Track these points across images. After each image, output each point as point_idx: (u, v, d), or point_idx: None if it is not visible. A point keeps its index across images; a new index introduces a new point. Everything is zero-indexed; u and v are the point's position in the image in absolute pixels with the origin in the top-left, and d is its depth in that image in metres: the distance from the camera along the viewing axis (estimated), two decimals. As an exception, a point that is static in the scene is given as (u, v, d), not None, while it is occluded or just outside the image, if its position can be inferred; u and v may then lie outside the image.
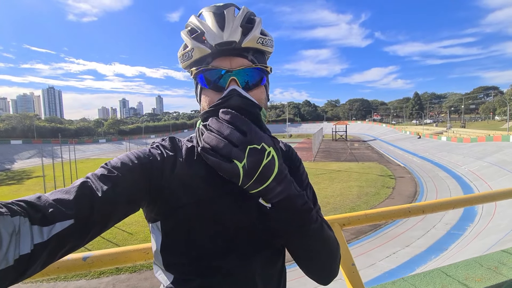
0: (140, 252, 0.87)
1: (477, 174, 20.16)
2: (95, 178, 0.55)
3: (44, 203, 0.46)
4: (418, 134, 45.50)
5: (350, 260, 0.98)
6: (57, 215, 0.46)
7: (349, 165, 27.53)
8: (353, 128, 73.05)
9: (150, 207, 0.64)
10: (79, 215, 0.48)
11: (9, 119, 62.29)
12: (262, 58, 0.67)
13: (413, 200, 16.03)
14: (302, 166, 0.81)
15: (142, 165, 0.61)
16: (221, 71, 0.61)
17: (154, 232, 0.66)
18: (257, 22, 0.64)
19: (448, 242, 10.99)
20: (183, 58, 0.66)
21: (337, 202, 15.71)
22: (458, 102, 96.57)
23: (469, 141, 31.65)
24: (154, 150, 0.67)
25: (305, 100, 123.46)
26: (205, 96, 0.65)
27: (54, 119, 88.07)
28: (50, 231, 0.45)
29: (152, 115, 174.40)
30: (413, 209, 1.19)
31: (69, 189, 0.51)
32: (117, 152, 48.07)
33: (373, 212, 1.14)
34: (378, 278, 8.75)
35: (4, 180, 26.11)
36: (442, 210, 1.22)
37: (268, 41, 0.66)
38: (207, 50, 0.61)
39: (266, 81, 0.67)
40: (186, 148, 0.69)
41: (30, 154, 43.04)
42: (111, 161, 0.60)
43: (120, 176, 0.56)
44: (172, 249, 0.64)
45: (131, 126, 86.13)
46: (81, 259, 0.81)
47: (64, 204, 0.48)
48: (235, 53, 0.62)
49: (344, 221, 1.08)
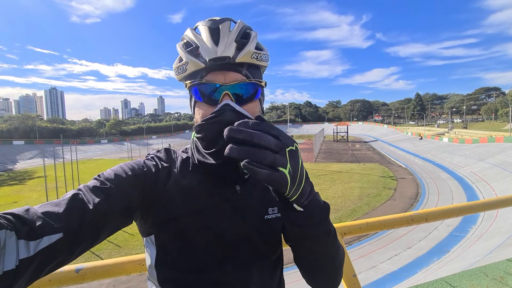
0: (135, 263, 0.85)
1: (479, 175, 20.05)
2: (87, 190, 0.54)
3: (32, 216, 0.45)
4: (419, 135, 45.35)
5: (351, 271, 0.95)
6: (45, 228, 0.44)
7: (350, 166, 27.45)
8: (355, 129, 72.93)
9: (143, 220, 0.63)
10: (69, 228, 0.47)
11: (11, 120, 62.62)
12: (257, 72, 0.66)
13: (414, 201, 15.94)
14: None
15: (136, 176, 0.60)
16: (215, 84, 0.60)
17: (148, 246, 0.65)
18: (252, 37, 0.63)
19: (450, 244, 10.91)
20: (177, 71, 0.66)
21: (338, 203, 15.65)
22: (459, 103, 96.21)
23: (471, 142, 31.51)
24: (149, 161, 0.66)
25: (306, 101, 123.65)
26: (199, 109, 0.65)
27: (56, 120, 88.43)
28: (37, 246, 0.43)
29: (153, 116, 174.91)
30: (415, 217, 1.17)
31: (59, 202, 0.49)
32: (118, 152, 48.19)
33: (374, 221, 1.11)
34: (379, 280, 8.69)
35: (6, 181, 26.19)
36: (445, 218, 1.18)
37: (263, 55, 0.64)
38: (201, 64, 0.60)
39: (261, 94, 0.67)
40: (181, 160, 0.68)
41: (32, 154, 43.16)
42: (104, 172, 0.59)
43: (112, 187, 0.55)
44: (166, 263, 0.62)
45: (133, 126, 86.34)
46: (73, 271, 0.79)
47: (53, 217, 0.46)
48: (229, 68, 0.61)
49: (345, 230, 1.05)
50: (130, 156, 35.24)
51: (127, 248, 10.92)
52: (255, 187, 0.69)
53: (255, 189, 0.69)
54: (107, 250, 10.74)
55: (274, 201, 0.70)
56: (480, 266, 1.43)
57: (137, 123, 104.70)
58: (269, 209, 0.68)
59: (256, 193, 0.69)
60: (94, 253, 10.34)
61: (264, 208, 0.68)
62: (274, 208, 0.69)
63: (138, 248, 10.87)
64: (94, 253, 10.34)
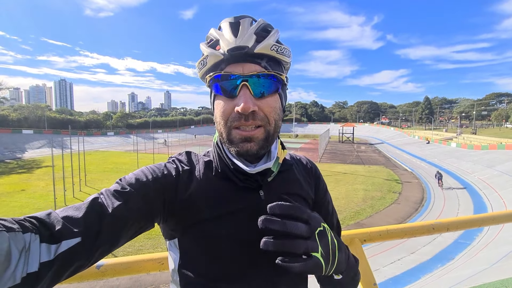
0: (155, 262, 0.84)
1: (487, 182, 19.70)
2: (108, 194, 0.54)
3: (53, 220, 0.45)
4: (427, 139, 44.74)
5: (371, 280, 0.93)
6: (64, 233, 0.45)
7: (355, 167, 27.25)
8: (361, 130, 72.30)
9: (166, 223, 0.62)
10: (87, 233, 0.47)
11: (21, 109, 63.60)
12: (278, 67, 0.63)
13: (419, 206, 15.76)
14: (325, 188, 0.80)
15: (156, 180, 0.60)
16: (236, 81, 0.58)
17: (171, 249, 0.64)
18: (273, 32, 0.61)
19: (455, 251, 10.77)
20: (199, 66, 0.65)
21: (342, 205, 15.57)
22: (469, 108, 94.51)
23: (480, 148, 30.96)
24: (170, 164, 0.65)
25: (313, 101, 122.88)
26: (218, 103, 0.62)
27: (64, 111, 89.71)
28: (57, 250, 0.43)
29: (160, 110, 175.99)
30: (437, 226, 1.13)
31: (80, 206, 0.50)
32: (124, 145, 48.61)
33: (395, 228, 1.08)
34: (381, 284, 8.64)
35: (15, 169, 26.68)
36: (468, 228, 1.15)
37: (284, 49, 0.62)
38: (220, 56, 0.59)
39: (282, 89, 0.64)
40: (204, 163, 0.67)
41: (40, 144, 43.84)
42: (126, 176, 0.59)
43: (133, 192, 0.55)
44: (190, 268, 0.60)
45: (139, 120, 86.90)
46: (95, 267, 0.79)
47: (72, 221, 0.46)
48: (248, 59, 0.59)
49: (365, 237, 1.03)
50: (136, 149, 35.51)
51: (157, 239, 10.93)
52: (281, 193, 0.67)
53: (280, 195, 0.67)
54: (139, 241, 10.79)
55: None
56: (502, 279, 1.38)
57: (144, 117, 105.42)
58: None
59: None
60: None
61: None
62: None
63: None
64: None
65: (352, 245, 1.00)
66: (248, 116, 0.57)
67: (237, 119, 0.58)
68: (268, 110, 0.60)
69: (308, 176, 0.76)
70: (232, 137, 0.60)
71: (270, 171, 0.65)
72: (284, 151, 0.71)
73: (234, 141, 0.60)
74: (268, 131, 0.61)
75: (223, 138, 0.62)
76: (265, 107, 0.59)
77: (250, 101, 0.57)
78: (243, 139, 0.59)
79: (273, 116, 0.61)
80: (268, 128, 0.60)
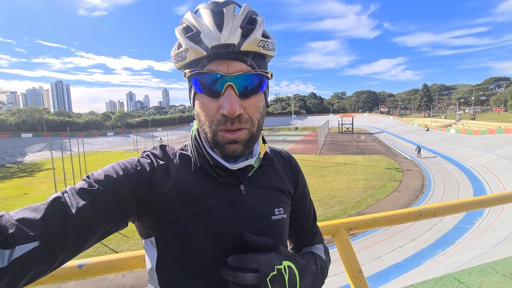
0: (137, 259, 0.84)
1: (486, 167, 19.73)
2: (73, 192, 0.50)
3: (5, 222, 0.41)
4: (426, 127, 44.68)
5: (357, 267, 0.93)
6: (19, 237, 0.40)
7: (355, 158, 27.29)
8: (360, 120, 72.16)
9: (141, 222, 0.60)
10: (46, 236, 0.43)
11: (19, 113, 63.43)
12: (263, 62, 0.60)
13: (420, 193, 15.84)
14: (305, 181, 0.80)
15: (128, 176, 0.56)
16: (221, 81, 0.55)
17: (148, 248, 0.63)
18: (259, 23, 0.57)
19: (455, 236, 10.86)
20: (176, 58, 0.59)
21: (343, 195, 15.64)
22: (468, 93, 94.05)
23: (479, 133, 30.92)
24: (144, 159, 0.62)
25: (311, 93, 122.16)
26: (199, 102, 0.59)
27: (62, 113, 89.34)
28: (11, 255, 0.39)
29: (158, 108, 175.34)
30: (424, 212, 1.13)
31: (39, 206, 0.46)
32: (124, 145, 48.63)
33: (381, 216, 1.08)
34: (384, 271, 8.73)
35: (16, 173, 26.73)
36: (455, 213, 1.15)
37: (270, 44, 0.59)
38: (203, 52, 0.54)
39: (266, 87, 0.61)
40: (181, 158, 0.64)
41: (40, 147, 43.84)
42: (94, 172, 0.56)
43: (101, 189, 0.52)
44: (168, 266, 0.59)
45: (138, 119, 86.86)
46: (76, 267, 0.79)
47: (29, 224, 0.42)
48: (233, 57, 0.55)
49: (351, 225, 1.03)
50: (136, 149, 35.54)
51: (134, 239, 11.12)
52: (261, 187, 0.67)
53: (261, 189, 0.66)
54: (115, 241, 10.96)
55: (280, 201, 0.68)
56: (490, 262, 1.40)
57: (142, 116, 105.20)
58: (275, 210, 0.66)
59: (262, 193, 0.66)
60: (102, 243, 10.55)
61: (270, 209, 0.65)
62: (280, 208, 0.66)
63: (145, 239, 11.04)
64: (102, 243, 10.54)
65: (338, 234, 1.01)
66: (234, 119, 0.55)
67: (223, 122, 0.56)
68: (252, 111, 0.58)
69: (287, 170, 0.75)
70: (218, 140, 0.58)
71: (251, 166, 0.64)
72: (264, 145, 0.70)
73: (220, 143, 0.58)
74: (251, 132, 0.59)
75: (207, 138, 0.60)
76: (249, 108, 0.57)
77: (236, 103, 0.54)
78: (229, 141, 0.57)
79: (257, 117, 0.59)
80: (252, 129, 0.59)
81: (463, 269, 1.32)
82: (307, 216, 0.78)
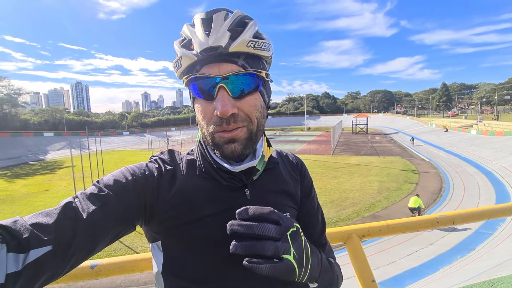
0: (148, 261, 0.85)
1: (510, 170, 18.79)
2: (83, 197, 0.51)
3: (20, 227, 0.42)
4: (445, 127, 43.07)
5: (370, 277, 0.90)
6: (33, 241, 0.41)
7: (369, 159, 26.68)
8: (375, 120, 70.50)
9: (148, 226, 0.61)
10: (59, 240, 0.44)
11: (42, 113, 66.52)
12: (257, 63, 0.60)
13: (438, 196, 15.28)
14: (313, 186, 0.78)
15: (136, 181, 0.57)
16: (215, 79, 0.55)
17: (155, 252, 0.63)
18: (250, 25, 0.58)
19: (476, 241, 10.40)
20: (174, 67, 0.63)
21: (356, 197, 15.34)
22: (490, 92, 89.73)
23: (502, 134, 29.47)
24: (152, 164, 0.63)
25: (324, 92, 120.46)
26: (198, 105, 0.61)
27: (81, 113, 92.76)
28: (25, 259, 0.40)
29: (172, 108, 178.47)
30: (441, 220, 1.08)
31: (51, 211, 0.47)
32: (140, 144, 49.79)
33: (396, 223, 1.04)
34: (398, 276, 8.49)
35: (39, 170, 28.02)
36: (475, 221, 1.09)
37: (262, 44, 0.58)
38: (193, 57, 0.57)
39: (262, 86, 0.61)
40: (187, 163, 0.65)
41: (61, 145, 45.63)
42: (104, 177, 0.57)
43: (110, 194, 0.53)
44: (174, 271, 0.59)
45: (153, 119, 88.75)
46: (88, 267, 0.81)
47: (42, 229, 0.43)
48: (223, 59, 0.56)
49: (364, 232, 1.00)
50: (151, 148, 36.33)
51: None
52: (267, 191, 0.66)
53: (267, 193, 0.65)
54: (129, 237, 11.23)
55: (286, 206, 0.67)
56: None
57: (157, 116, 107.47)
58: None
59: (267, 197, 0.65)
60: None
61: None
62: (286, 213, 0.65)
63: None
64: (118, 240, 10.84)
65: (349, 241, 0.97)
66: (229, 120, 0.56)
67: (219, 123, 0.57)
68: (249, 110, 0.58)
69: (294, 173, 0.74)
70: (216, 141, 0.59)
71: (256, 169, 0.63)
72: (270, 149, 0.70)
73: (219, 144, 0.59)
74: (250, 130, 0.59)
75: (207, 141, 0.61)
76: (246, 107, 0.57)
77: (229, 103, 0.55)
78: (227, 141, 0.58)
79: (255, 115, 0.59)
80: (250, 127, 0.59)
81: (484, 281, 1.24)
82: (314, 222, 0.75)
